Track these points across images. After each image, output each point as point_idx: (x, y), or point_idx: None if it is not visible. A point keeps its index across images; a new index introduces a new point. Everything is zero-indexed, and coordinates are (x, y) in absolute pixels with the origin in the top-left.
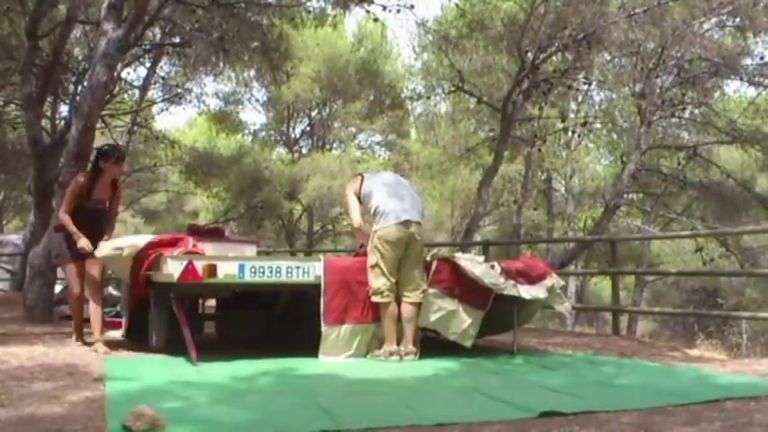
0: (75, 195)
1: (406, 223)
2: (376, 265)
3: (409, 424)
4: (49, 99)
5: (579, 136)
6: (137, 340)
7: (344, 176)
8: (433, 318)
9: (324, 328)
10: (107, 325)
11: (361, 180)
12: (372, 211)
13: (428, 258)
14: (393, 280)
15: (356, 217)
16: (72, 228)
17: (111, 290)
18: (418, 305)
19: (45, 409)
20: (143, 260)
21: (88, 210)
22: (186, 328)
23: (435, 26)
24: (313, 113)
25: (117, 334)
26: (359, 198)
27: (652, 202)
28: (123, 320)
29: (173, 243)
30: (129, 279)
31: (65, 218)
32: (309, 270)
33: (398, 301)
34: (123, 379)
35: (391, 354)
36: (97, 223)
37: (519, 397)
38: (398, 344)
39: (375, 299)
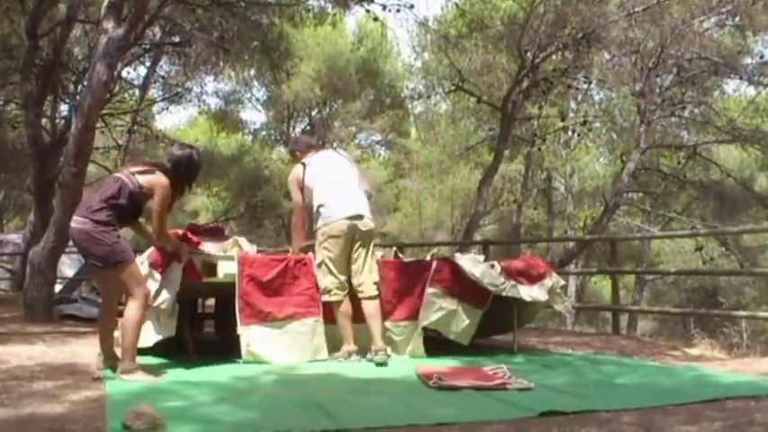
0: None
1: (351, 217)
2: (322, 263)
3: (409, 423)
4: (49, 98)
5: (579, 135)
6: None
7: None
8: (434, 317)
9: (325, 328)
10: None
11: (304, 169)
12: (315, 207)
13: (428, 258)
14: (342, 277)
15: (298, 220)
16: None
17: None
18: (377, 299)
19: (45, 408)
20: None
21: None
22: (186, 327)
23: (435, 25)
24: (313, 113)
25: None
26: (302, 190)
27: (652, 202)
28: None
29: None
30: None
31: None
32: None
33: (354, 298)
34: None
35: (350, 354)
36: None
37: (519, 396)
38: (353, 342)
39: (324, 298)
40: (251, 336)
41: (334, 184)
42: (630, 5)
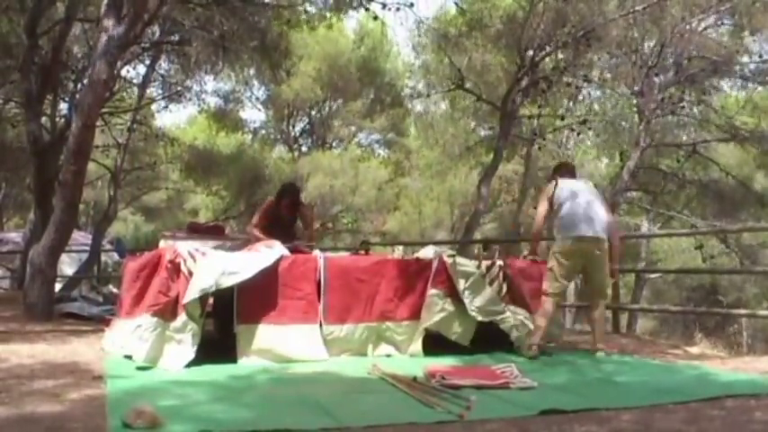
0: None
1: (584, 239)
2: (551, 270)
3: (408, 422)
4: (48, 97)
5: (578, 134)
6: None
7: (345, 175)
8: (436, 318)
9: (324, 327)
10: (106, 323)
11: (555, 185)
12: (557, 221)
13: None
14: (566, 283)
15: (539, 222)
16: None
17: (112, 288)
18: (604, 307)
19: (46, 406)
20: None
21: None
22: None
23: (435, 25)
24: (313, 112)
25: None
26: (551, 204)
27: (651, 200)
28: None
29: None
30: None
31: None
32: None
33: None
34: (123, 377)
35: (530, 347)
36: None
37: (520, 395)
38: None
39: (543, 297)
40: (248, 335)
41: (577, 204)
42: (630, 5)
